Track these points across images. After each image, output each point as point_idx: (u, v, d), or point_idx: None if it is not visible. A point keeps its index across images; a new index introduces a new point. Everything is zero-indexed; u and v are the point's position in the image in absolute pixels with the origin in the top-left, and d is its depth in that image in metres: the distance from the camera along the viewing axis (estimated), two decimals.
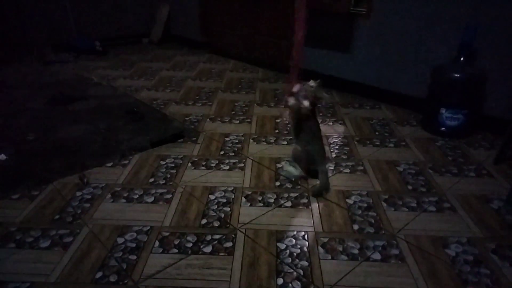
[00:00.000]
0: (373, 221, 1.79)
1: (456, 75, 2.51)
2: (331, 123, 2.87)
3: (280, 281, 1.45)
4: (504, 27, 2.46)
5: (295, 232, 1.71)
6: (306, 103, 1.84)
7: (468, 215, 1.84)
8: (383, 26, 3.08)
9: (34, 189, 2.02)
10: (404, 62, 3.04)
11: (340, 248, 1.62)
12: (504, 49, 2.50)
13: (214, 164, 2.28)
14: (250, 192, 2.01)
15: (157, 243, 1.64)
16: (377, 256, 1.58)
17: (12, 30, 4.60)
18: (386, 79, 3.21)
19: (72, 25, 5.01)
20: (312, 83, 1.90)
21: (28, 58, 4.62)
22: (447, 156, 2.40)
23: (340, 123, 2.88)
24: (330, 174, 2.17)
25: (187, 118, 2.94)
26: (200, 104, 3.24)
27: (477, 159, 2.36)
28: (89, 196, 1.96)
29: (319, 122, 2.08)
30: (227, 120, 2.92)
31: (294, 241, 1.66)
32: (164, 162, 2.29)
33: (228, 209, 1.87)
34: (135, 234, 1.69)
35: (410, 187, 2.06)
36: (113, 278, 1.46)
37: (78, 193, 1.99)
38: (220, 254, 1.58)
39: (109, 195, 1.97)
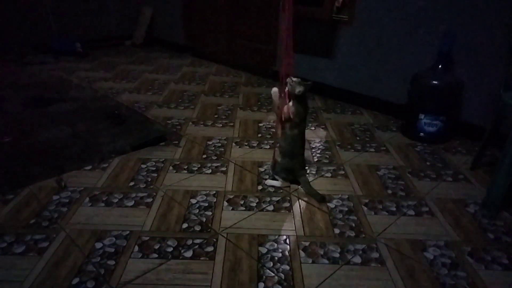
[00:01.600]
0: (353, 225, 1.81)
1: (434, 82, 2.57)
2: (313, 128, 2.90)
3: (262, 285, 1.44)
4: (482, 35, 2.53)
5: (276, 236, 1.71)
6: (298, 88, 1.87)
7: (446, 219, 1.88)
8: (364, 33, 3.13)
9: (9, 192, 1.96)
10: (385, 69, 3.10)
11: (321, 252, 1.63)
12: (481, 57, 2.57)
13: (196, 168, 2.26)
14: (232, 196, 2.00)
15: (136, 248, 1.61)
16: (357, 259, 1.59)
17: None
18: (367, 85, 3.26)
19: (53, 26, 4.91)
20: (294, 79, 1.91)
21: (6, 58, 4.50)
22: (426, 161, 2.45)
23: (322, 128, 2.91)
24: (312, 178, 2.18)
25: (169, 121, 2.91)
26: (183, 108, 3.22)
27: (455, 164, 2.42)
28: (66, 200, 1.92)
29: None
30: (209, 124, 2.90)
31: (275, 245, 1.66)
32: (145, 166, 2.26)
33: (210, 213, 1.86)
34: (114, 239, 1.66)
35: (390, 191, 2.10)
36: (90, 284, 1.42)
37: (55, 197, 1.94)
38: (201, 258, 1.57)
39: (88, 199, 1.93)
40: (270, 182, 2.11)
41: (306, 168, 2.10)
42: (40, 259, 1.53)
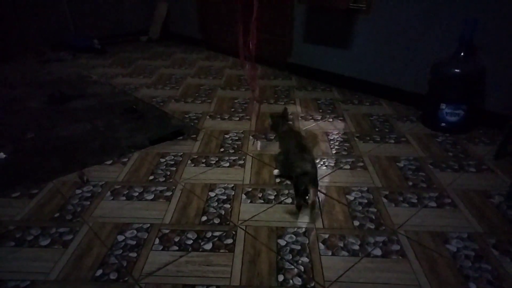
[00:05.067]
0: (373, 217, 1.79)
1: (455, 70, 2.50)
2: (331, 120, 2.87)
3: (281, 277, 1.45)
4: (504, 21, 2.44)
5: (295, 229, 1.71)
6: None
7: (469, 210, 1.83)
8: (382, 22, 3.07)
9: (33, 187, 2.01)
10: (403, 58, 3.03)
11: (341, 244, 1.61)
12: (504, 43, 2.49)
13: (214, 161, 2.28)
14: (250, 189, 2.00)
15: (157, 241, 1.63)
16: (377, 252, 1.57)
17: (10, 29, 4.58)
18: (385, 75, 3.20)
19: (71, 23, 4.99)
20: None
21: (27, 56, 4.61)
22: (448, 152, 2.39)
23: (340, 120, 2.87)
24: (330, 171, 2.16)
25: (186, 116, 2.93)
26: (200, 102, 3.23)
27: (478, 155, 2.36)
28: (88, 194, 1.96)
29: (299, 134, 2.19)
30: (226, 117, 2.91)
31: (294, 237, 1.66)
32: (164, 160, 2.29)
33: (228, 206, 1.87)
34: (135, 232, 1.69)
35: (410, 183, 2.06)
36: (113, 276, 1.45)
37: (78, 191, 1.98)
38: (220, 251, 1.58)
39: (109, 193, 1.97)
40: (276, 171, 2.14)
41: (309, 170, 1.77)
42: (64, 251, 1.57)
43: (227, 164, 2.25)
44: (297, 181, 1.78)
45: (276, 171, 2.15)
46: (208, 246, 1.61)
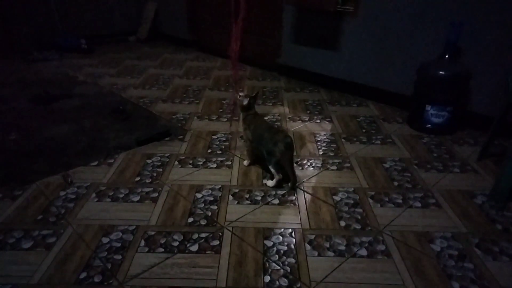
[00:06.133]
0: (359, 218, 1.80)
1: (441, 72, 2.53)
2: (318, 121, 2.88)
3: (267, 278, 1.45)
4: (488, 25, 2.49)
5: (282, 230, 1.71)
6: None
7: (453, 210, 1.86)
8: (370, 24, 3.10)
9: (16, 189, 1.98)
10: (390, 60, 3.06)
11: (327, 245, 1.62)
12: (489, 46, 2.53)
13: (201, 162, 2.27)
14: (237, 190, 2.00)
15: (143, 242, 1.62)
16: (363, 252, 1.59)
17: None
18: (373, 76, 3.23)
19: (57, 23, 4.93)
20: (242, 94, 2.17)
21: (12, 56, 4.53)
22: (433, 153, 2.42)
23: (328, 121, 2.89)
24: (317, 172, 2.18)
25: (174, 116, 2.92)
26: (188, 102, 3.22)
27: (462, 155, 2.39)
28: (73, 196, 1.93)
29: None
30: (214, 118, 2.90)
31: (281, 238, 1.66)
32: (151, 161, 2.27)
33: (215, 207, 1.86)
34: (120, 234, 1.67)
35: (396, 184, 2.08)
36: (97, 279, 1.43)
37: (62, 193, 1.95)
38: (206, 252, 1.57)
39: (94, 195, 1.94)
40: (268, 183, 2.06)
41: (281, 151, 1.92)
42: (48, 254, 1.55)
43: (215, 165, 2.24)
44: (281, 157, 1.93)
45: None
46: (195, 247, 1.60)
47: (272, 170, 2.01)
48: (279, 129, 2.09)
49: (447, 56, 2.55)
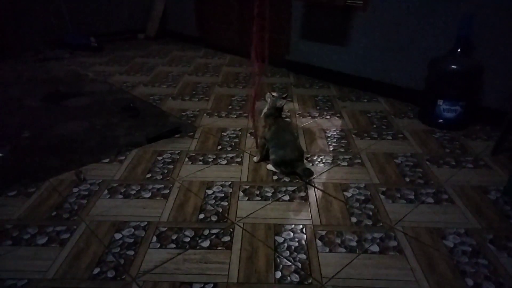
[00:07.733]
0: (371, 214, 1.79)
1: (453, 66, 2.50)
2: (328, 117, 2.86)
3: (279, 274, 1.45)
4: (500, 17, 2.44)
5: (293, 226, 1.71)
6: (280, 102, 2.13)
7: (466, 206, 1.84)
8: (379, 19, 3.06)
9: (30, 186, 2.01)
10: (401, 55, 3.03)
11: (338, 241, 1.62)
12: (501, 40, 2.49)
13: (212, 159, 2.27)
14: (247, 186, 2.00)
15: (154, 238, 1.63)
16: (375, 248, 1.58)
17: (7, 27, 4.55)
18: (383, 71, 3.20)
19: (67, 22, 4.97)
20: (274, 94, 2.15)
21: (23, 55, 4.59)
22: (445, 148, 2.39)
23: (338, 117, 2.87)
24: (327, 168, 2.17)
25: (184, 113, 2.93)
26: (197, 99, 3.23)
27: (475, 151, 2.36)
28: (85, 193, 1.95)
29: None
30: (224, 115, 2.90)
31: (292, 234, 1.66)
32: (161, 158, 2.28)
33: (226, 203, 1.87)
34: (132, 230, 1.68)
35: (407, 179, 2.06)
36: (110, 274, 1.45)
37: (75, 190, 1.98)
38: (218, 248, 1.58)
39: (106, 191, 1.96)
40: (268, 166, 2.16)
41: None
42: (62, 250, 1.57)
43: (225, 162, 2.24)
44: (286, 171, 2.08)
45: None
46: (206, 243, 1.61)
47: (272, 168, 2.14)
48: (299, 147, 2.10)
49: (458, 50, 2.51)
